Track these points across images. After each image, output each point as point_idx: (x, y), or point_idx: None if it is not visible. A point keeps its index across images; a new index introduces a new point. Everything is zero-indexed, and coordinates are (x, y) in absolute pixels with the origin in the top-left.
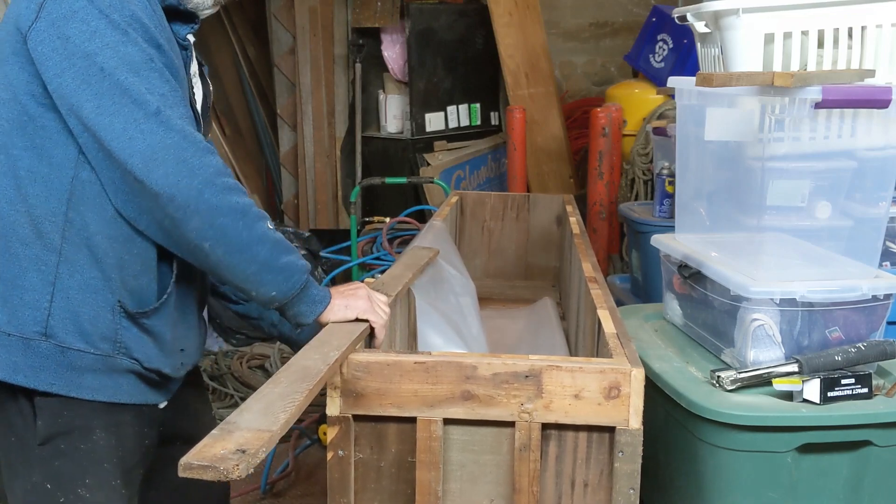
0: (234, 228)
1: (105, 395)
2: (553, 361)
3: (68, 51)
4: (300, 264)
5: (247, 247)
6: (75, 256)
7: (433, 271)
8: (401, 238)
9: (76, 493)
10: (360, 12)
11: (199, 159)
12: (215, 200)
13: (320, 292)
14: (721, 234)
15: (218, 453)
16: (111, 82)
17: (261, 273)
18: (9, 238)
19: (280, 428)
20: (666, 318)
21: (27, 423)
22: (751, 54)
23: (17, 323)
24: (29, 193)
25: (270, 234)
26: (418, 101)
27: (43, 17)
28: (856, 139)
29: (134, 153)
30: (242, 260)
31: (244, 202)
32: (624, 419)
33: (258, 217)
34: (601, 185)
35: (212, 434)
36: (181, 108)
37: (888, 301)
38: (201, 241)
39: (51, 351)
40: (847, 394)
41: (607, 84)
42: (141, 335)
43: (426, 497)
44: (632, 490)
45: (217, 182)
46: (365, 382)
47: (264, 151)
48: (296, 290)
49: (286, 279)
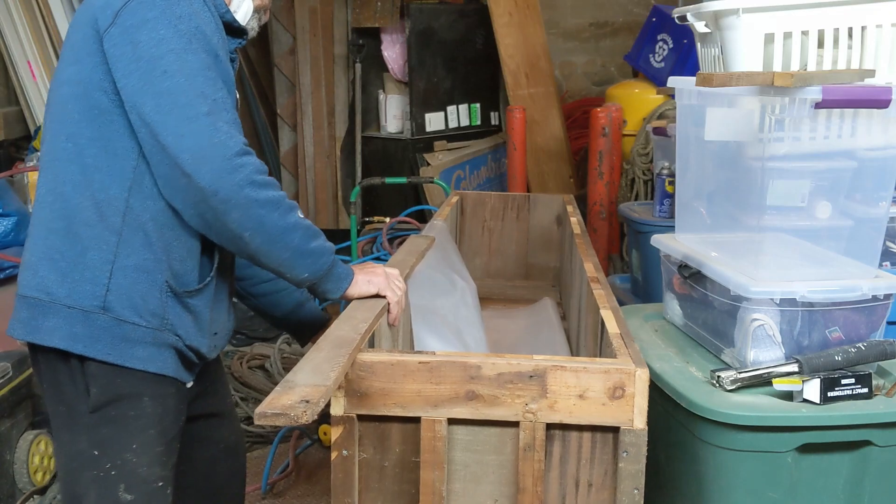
0: (269, 219)
1: (154, 366)
2: (557, 361)
3: (137, 54)
4: (327, 246)
5: (281, 235)
6: (132, 239)
7: (432, 272)
8: (401, 238)
9: (123, 457)
10: (360, 12)
11: (241, 158)
12: (254, 195)
13: (345, 270)
14: (721, 234)
15: (287, 403)
16: (170, 84)
17: (294, 258)
18: (73, 220)
19: (332, 383)
20: (666, 318)
21: (78, 392)
22: (751, 54)
23: (78, 297)
24: (94, 180)
25: (301, 223)
26: (418, 101)
27: (118, 23)
28: (856, 139)
29: (184, 149)
30: (278, 247)
31: (278, 195)
32: (628, 419)
33: (290, 208)
34: (601, 185)
35: (275, 390)
36: (230, 112)
37: (888, 301)
38: (241, 230)
39: (108, 323)
40: (847, 394)
41: (607, 84)
42: (183, 313)
43: (430, 497)
44: (636, 490)
45: (256, 179)
46: (369, 382)
47: (264, 151)
48: (324, 270)
49: (315, 261)
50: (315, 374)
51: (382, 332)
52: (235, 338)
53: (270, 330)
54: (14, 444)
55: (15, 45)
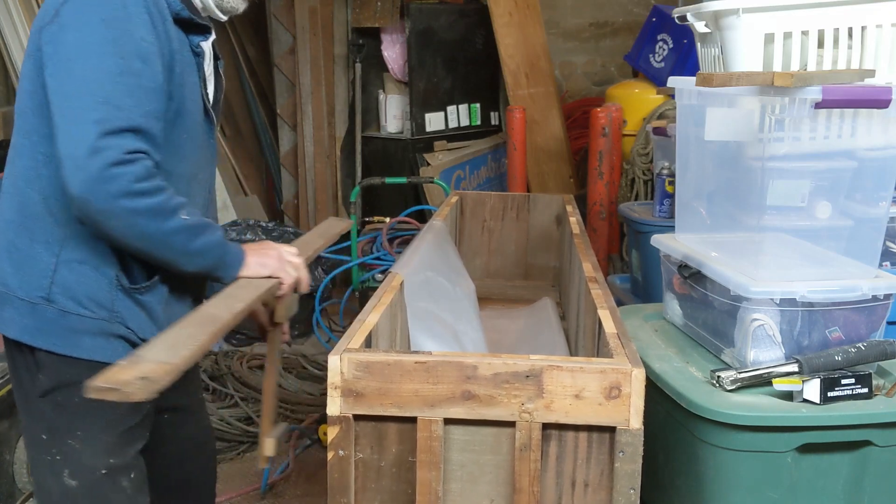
0: (149, 227)
1: (101, 355)
2: (554, 361)
3: (58, 54)
4: (214, 239)
5: (163, 240)
6: (78, 233)
7: (430, 273)
8: (401, 238)
9: (67, 443)
10: (360, 12)
11: (118, 168)
12: (130, 205)
13: (235, 256)
14: (721, 234)
15: (123, 378)
16: (74, 87)
17: (180, 258)
18: (25, 213)
19: (181, 361)
20: (666, 318)
21: (32, 379)
22: (751, 54)
23: (28, 288)
24: (43, 175)
25: (184, 224)
26: (418, 101)
27: (55, 21)
28: (856, 139)
29: (66, 156)
30: (161, 251)
31: (157, 202)
32: (624, 419)
33: (172, 211)
34: (601, 185)
35: (120, 363)
36: (138, 120)
37: (888, 301)
38: (122, 238)
39: (54, 314)
40: (847, 394)
41: (607, 84)
42: (134, 307)
43: (426, 497)
44: (632, 490)
45: (133, 188)
46: (365, 382)
47: (264, 151)
48: (213, 263)
49: (202, 258)
50: (168, 350)
51: (380, 333)
52: (235, 338)
53: None
54: (14, 444)
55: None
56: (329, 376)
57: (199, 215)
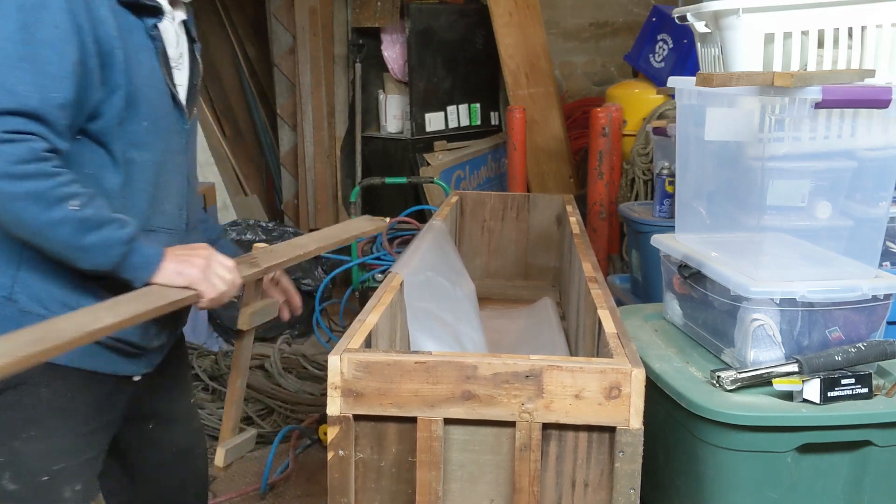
0: (28, 213)
1: (59, 358)
2: (554, 361)
3: None
4: (115, 237)
5: (44, 230)
6: None
7: (429, 273)
8: (401, 238)
9: (12, 445)
10: (360, 12)
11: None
12: (8, 188)
13: (145, 259)
14: (721, 234)
15: None
16: None
17: (67, 252)
18: None
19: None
20: (666, 318)
21: None
22: (751, 54)
23: None
24: None
25: (73, 215)
26: (418, 101)
27: None
28: (856, 139)
29: None
30: (44, 241)
31: (41, 187)
32: (624, 419)
33: (58, 199)
34: (601, 185)
35: None
36: (38, 104)
37: (888, 301)
38: (3, 224)
39: (13, 314)
40: (847, 394)
41: (607, 84)
42: None
43: (426, 497)
44: (632, 490)
45: (13, 170)
46: (365, 382)
47: (264, 151)
48: (112, 263)
49: (96, 256)
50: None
51: (380, 333)
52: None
53: (270, 330)
54: None
55: None
56: (329, 376)
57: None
